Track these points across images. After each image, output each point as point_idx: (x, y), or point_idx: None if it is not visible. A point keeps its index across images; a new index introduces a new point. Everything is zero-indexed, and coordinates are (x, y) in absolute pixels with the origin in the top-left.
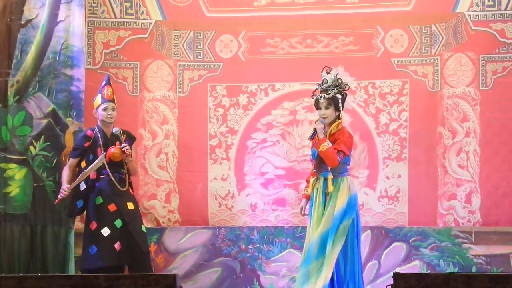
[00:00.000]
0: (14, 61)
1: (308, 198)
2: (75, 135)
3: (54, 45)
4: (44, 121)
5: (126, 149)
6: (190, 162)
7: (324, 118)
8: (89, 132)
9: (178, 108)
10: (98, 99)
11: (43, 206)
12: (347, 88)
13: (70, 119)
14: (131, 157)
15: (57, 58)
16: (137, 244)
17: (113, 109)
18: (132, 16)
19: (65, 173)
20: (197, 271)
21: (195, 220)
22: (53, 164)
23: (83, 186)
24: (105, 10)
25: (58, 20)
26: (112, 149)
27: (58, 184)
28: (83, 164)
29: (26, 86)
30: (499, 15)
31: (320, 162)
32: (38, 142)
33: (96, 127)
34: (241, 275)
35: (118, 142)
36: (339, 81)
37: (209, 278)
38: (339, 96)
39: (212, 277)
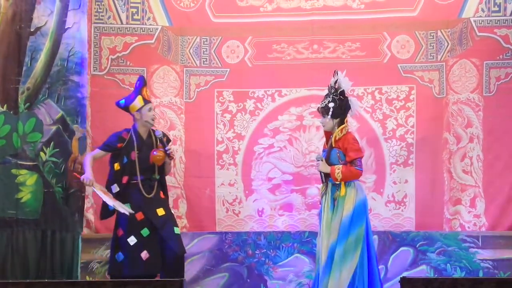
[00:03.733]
0: (24, 68)
1: None
2: (80, 141)
3: (62, 52)
4: (54, 128)
5: (171, 152)
6: (197, 168)
7: (323, 126)
8: (124, 134)
9: (185, 114)
10: (139, 100)
11: (52, 212)
12: (341, 95)
13: (76, 125)
14: (173, 158)
15: (65, 64)
16: (170, 248)
17: (154, 110)
18: (139, 22)
19: (88, 162)
20: (204, 277)
21: (203, 226)
22: (62, 170)
23: (115, 189)
24: (111, 16)
25: (66, 27)
26: (154, 152)
27: (65, 190)
28: (116, 166)
29: (36, 93)
30: (504, 21)
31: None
32: (48, 148)
33: (131, 129)
34: (248, 280)
35: (160, 145)
36: (333, 90)
37: (216, 284)
38: (331, 105)
39: (219, 282)
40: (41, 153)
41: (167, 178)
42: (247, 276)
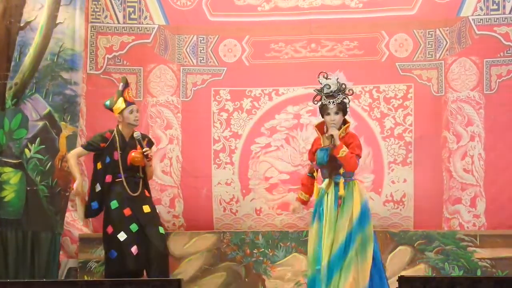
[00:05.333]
0: (12, 63)
1: (303, 202)
2: (68, 139)
3: (52, 47)
4: (40, 124)
5: (149, 154)
6: (194, 167)
7: (333, 124)
8: (107, 134)
9: (181, 113)
10: (120, 103)
11: (35, 211)
12: (351, 92)
13: (64, 123)
14: (151, 161)
15: (55, 60)
16: (154, 246)
17: (137, 111)
18: (135, 21)
19: (73, 163)
20: (202, 276)
21: (199, 225)
22: (47, 167)
23: (98, 188)
24: (108, 15)
25: (57, 22)
26: (133, 153)
27: (50, 188)
28: (99, 165)
29: (23, 88)
30: (503, 19)
31: (332, 167)
32: (33, 144)
33: (115, 129)
34: (246, 280)
35: (139, 146)
36: (344, 85)
37: (214, 283)
38: (346, 101)
39: (217, 281)
40: (26, 150)
41: (164, 177)
42: (245, 276)
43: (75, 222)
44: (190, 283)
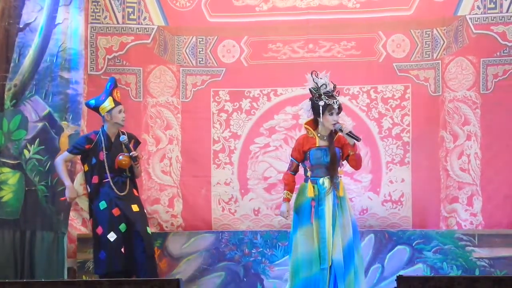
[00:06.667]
0: (11, 64)
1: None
2: (70, 138)
3: (51, 48)
4: (40, 124)
5: (136, 157)
6: (193, 167)
7: (337, 123)
8: (92, 135)
9: (181, 113)
10: (109, 102)
11: (34, 211)
12: (338, 93)
13: (66, 122)
14: (139, 163)
15: (55, 60)
16: (144, 246)
17: (124, 111)
18: (135, 22)
19: (62, 168)
20: (201, 276)
21: (198, 225)
22: (47, 168)
23: (88, 189)
24: (107, 16)
25: (56, 23)
26: (120, 157)
27: (50, 188)
28: (85, 167)
29: (23, 89)
30: (500, 18)
31: (332, 167)
32: (33, 145)
33: (100, 130)
34: (245, 280)
35: (126, 149)
36: (335, 85)
37: (213, 283)
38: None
39: (216, 281)
40: (25, 150)
41: (163, 177)
42: (243, 275)
43: (73, 222)
44: (188, 283)
